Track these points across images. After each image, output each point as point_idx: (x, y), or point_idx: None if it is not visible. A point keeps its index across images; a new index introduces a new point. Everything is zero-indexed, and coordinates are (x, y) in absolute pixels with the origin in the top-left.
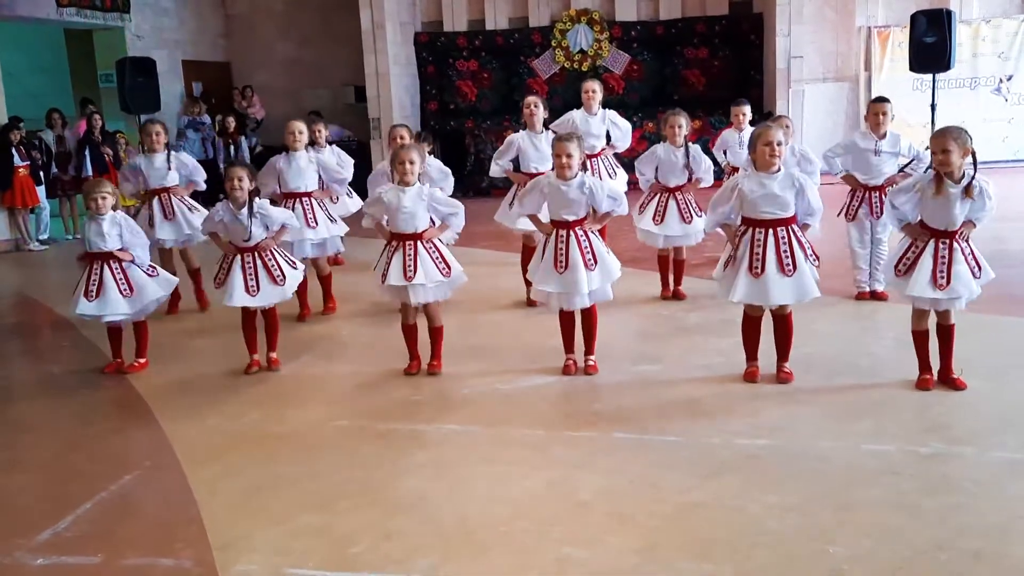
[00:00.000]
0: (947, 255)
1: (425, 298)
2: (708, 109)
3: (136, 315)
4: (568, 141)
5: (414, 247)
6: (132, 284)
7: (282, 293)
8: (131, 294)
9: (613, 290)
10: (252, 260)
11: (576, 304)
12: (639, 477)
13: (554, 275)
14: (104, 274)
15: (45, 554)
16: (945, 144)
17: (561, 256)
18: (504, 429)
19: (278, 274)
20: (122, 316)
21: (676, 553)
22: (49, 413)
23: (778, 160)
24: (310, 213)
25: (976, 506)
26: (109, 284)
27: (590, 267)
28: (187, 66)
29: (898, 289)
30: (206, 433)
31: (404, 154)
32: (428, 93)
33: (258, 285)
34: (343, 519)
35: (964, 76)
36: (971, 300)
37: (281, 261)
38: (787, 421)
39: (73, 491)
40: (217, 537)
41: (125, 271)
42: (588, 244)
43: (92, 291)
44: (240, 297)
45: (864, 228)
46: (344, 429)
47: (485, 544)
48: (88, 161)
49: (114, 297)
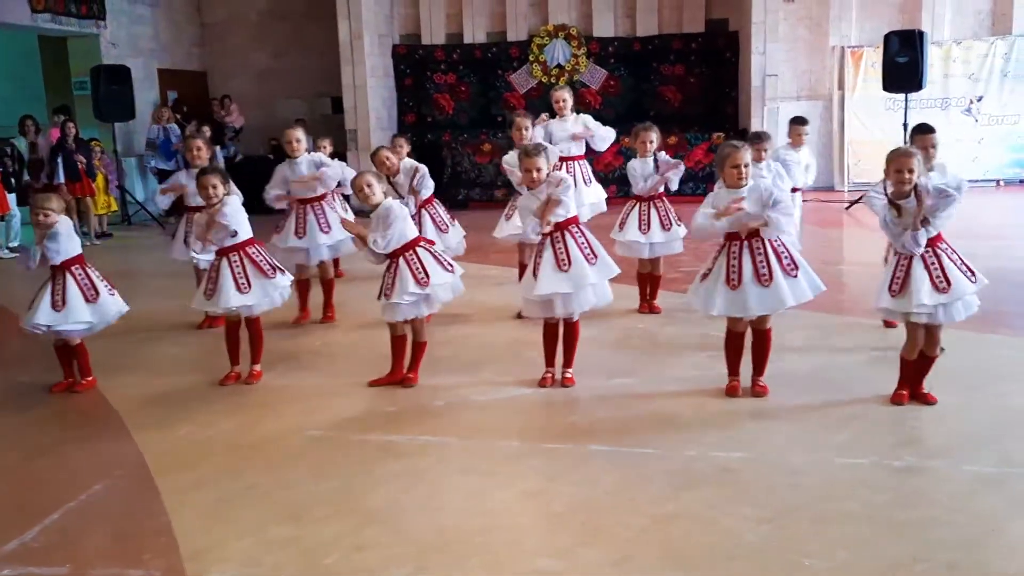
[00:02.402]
0: (936, 261)
1: (394, 316)
2: (684, 125)
3: (93, 329)
4: (536, 155)
5: (395, 264)
6: (97, 290)
7: (271, 300)
8: (96, 299)
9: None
10: (239, 260)
11: (584, 304)
12: (614, 489)
13: (559, 275)
14: (68, 283)
15: (11, 565)
16: (911, 164)
17: (562, 255)
18: (479, 440)
19: (267, 268)
20: (82, 326)
21: (652, 565)
22: (17, 422)
23: (744, 180)
24: (322, 218)
25: (950, 519)
26: (73, 293)
27: (591, 261)
28: (162, 75)
29: (898, 310)
30: (177, 443)
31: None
32: (405, 105)
33: (249, 282)
34: (316, 529)
35: (935, 96)
36: (970, 314)
37: (271, 260)
38: (762, 434)
39: (40, 501)
40: (188, 547)
41: (91, 278)
42: (585, 239)
43: (59, 301)
44: (235, 297)
45: None
46: (317, 439)
47: (460, 555)
48: (61, 168)
49: (79, 306)
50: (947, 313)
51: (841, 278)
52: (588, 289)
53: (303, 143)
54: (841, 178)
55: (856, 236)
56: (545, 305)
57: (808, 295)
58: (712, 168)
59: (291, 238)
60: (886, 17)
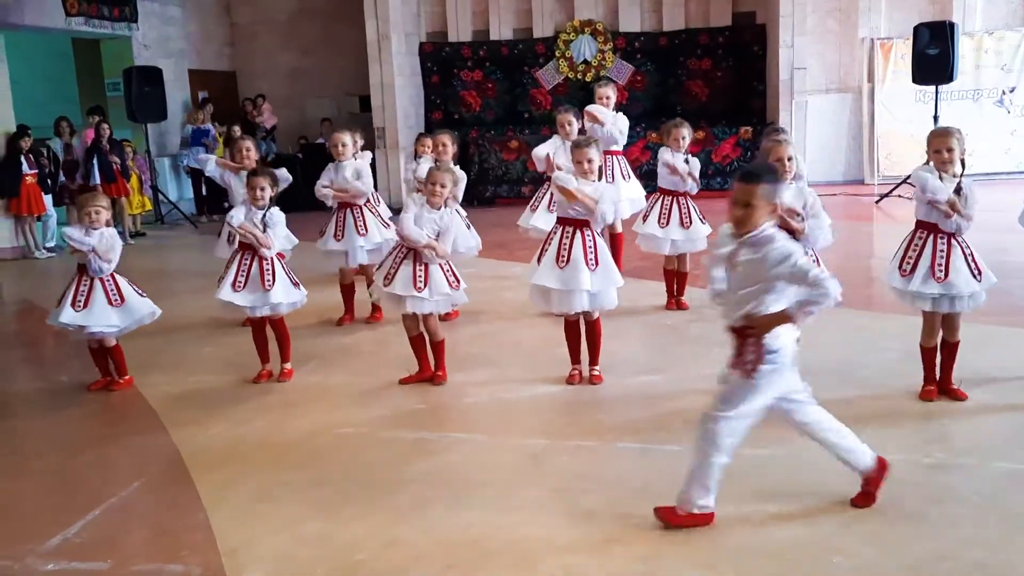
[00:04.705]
0: (945, 250)
1: (423, 309)
2: (711, 120)
3: (123, 330)
4: (587, 146)
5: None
6: (123, 295)
7: (272, 306)
8: (121, 303)
9: (618, 299)
10: (249, 259)
11: (576, 305)
12: (643, 487)
13: (554, 270)
14: (93, 284)
15: (55, 559)
16: (950, 143)
17: (564, 251)
18: (508, 438)
19: (268, 279)
20: (111, 328)
21: (681, 562)
22: (57, 420)
23: (788, 175)
24: (360, 221)
25: (979, 517)
26: (98, 294)
27: (591, 266)
28: (193, 75)
29: (905, 290)
30: (212, 441)
31: (438, 176)
32: (432, 103)
33: (245, 282)
34: (347, 526)
35: (967, 88)
36: (976, 306)
37: (279, 272)
38: (790, 432)
39: (82, 498)
40: (225, 543)
41: (117, 283)
42: (592, 245)
43: (80, 301)
44: (227, 291)
45: None
46: (348, 436)
47: (489, 552)
48: (96, 170)
49: (102, 308)
50: (951, 304)
51: (871, 272)
52: (582, 293)
53: (349, 147)
54: (871, 171)
55: (886, 230)
56: (543, 296)
57: None
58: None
59: (330, 241)
60: (916, 8)
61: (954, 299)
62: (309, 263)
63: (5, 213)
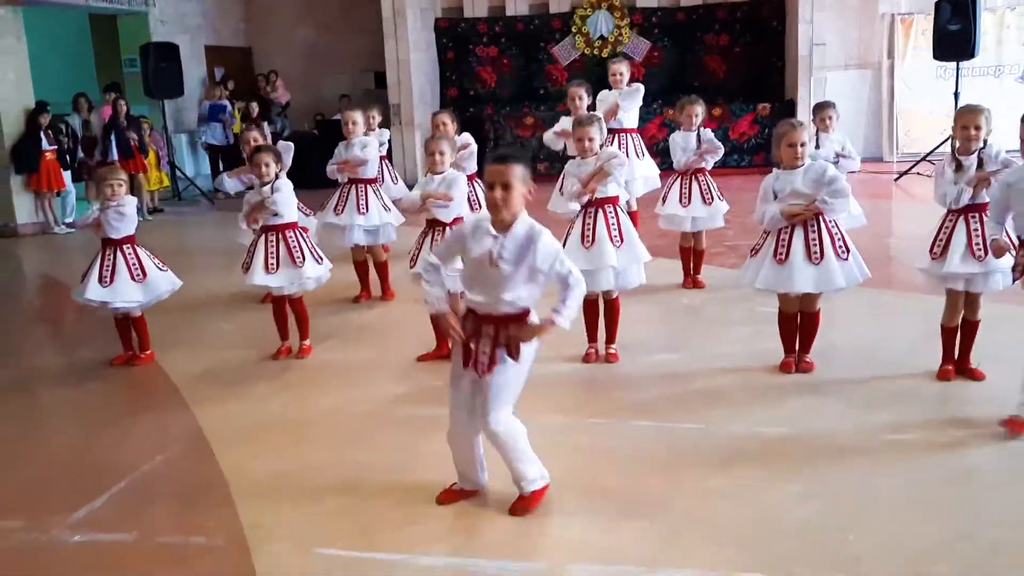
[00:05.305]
0: (979, 228)
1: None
2: (728, 96)
3: (144, 305)
4: (588, 125)
5: (442, 232)
6: (145, 270)
7: (301, 282)
8: (143, 279)
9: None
10: (275, 240)
11: (602, 283)
12: (660, 465)
13: (580, 251)
14: (117, 260)
15: (81, 531)
16: (978, 121)
17: (588, 231)
18: (525, 415)
19: (298, 255)
20: (133, 304)
21: (698, 540)
22: (81, 395)
23: (801, 160)
24: (362, 199)
25: (996, 497)
26: (121, 270)
27: (616, 243)
28: (209, 51)
29: (935, 273)
30: (234, 417)
31: (434, 145)
32: (448, 79)
33: (277, 263)
34: (368, 502)
35: (988, 64)
36: (1008, 284)
37: (305, 248)
38: (809, 411)
39: (106, 471)
40: (247, 517)
41: (139, 258)
42: (616, 222)
43: (106, 277)
44: (260, 276)
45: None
46: (368, 413)
47: (507, 528)
48: (114, 146)
49: (125, 283)
50: (985, 283)
51: (890, 251)
52: (608, 271)
53: (360, 126)
54: (890, 149)
55: (906, 208)
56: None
57: (857, 279)
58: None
59: (330, 214)
60: None
61: (989, 276)
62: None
63: (25, 189)
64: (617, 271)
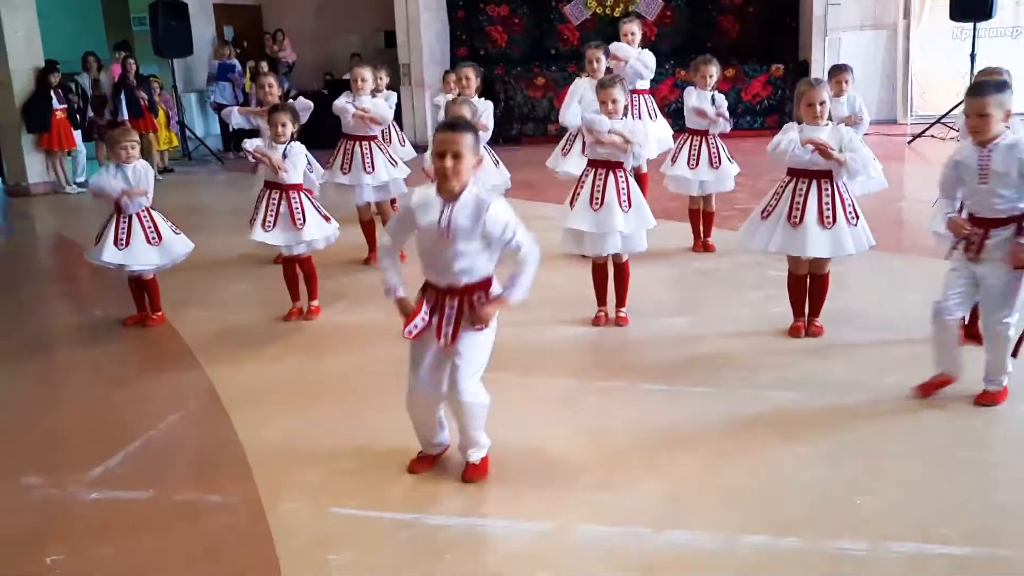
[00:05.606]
0: None
1: None
2: (741, 57)
3: (159, 268)
4: (612, 86)
5: None
6: (160, 234)
7: (309, 243)
8: (159, 242)
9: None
10: (277, 198)
11: (609, 247)
12: (669, 427)
13: (589, 213)
14: (132, 223)
15: (98, 489)
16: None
17: (597, 194)
18: (535, 378)
19: (299, 218)
20: (149, 267)
21: (707, 502)
22: (96, 354)
23: (822, 119)
24: (368, 157)
25: (1003, 460)
26: (137, 233)
27: (624, 208)
28: (218, 9)
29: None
30: (247, 376)
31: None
32: (458, 39)
33: (275, 222)
34: (381, 462)
35: (1006, 25)
36: None
37: (308, 208)
38: (818, 374)
39: (122, 430)
40: (262, 476)
41: (155, 221)
42: (626, 186)
43: (122, 239)
44: (258, 232)
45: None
46: (379, 374)
47: (517, 489)
48: (124, 105)
49: (141, 246)
50: None
51: (901, 215)
52: (616, 235)
53: (368, 83)
54: (904, 111)
55: (919, 171)
56: (575, 239)
57: (865, 246)
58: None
59: (338, 174)
60: None
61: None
62: (328, 199)
63: (37, 148)
64: (624, 236)
